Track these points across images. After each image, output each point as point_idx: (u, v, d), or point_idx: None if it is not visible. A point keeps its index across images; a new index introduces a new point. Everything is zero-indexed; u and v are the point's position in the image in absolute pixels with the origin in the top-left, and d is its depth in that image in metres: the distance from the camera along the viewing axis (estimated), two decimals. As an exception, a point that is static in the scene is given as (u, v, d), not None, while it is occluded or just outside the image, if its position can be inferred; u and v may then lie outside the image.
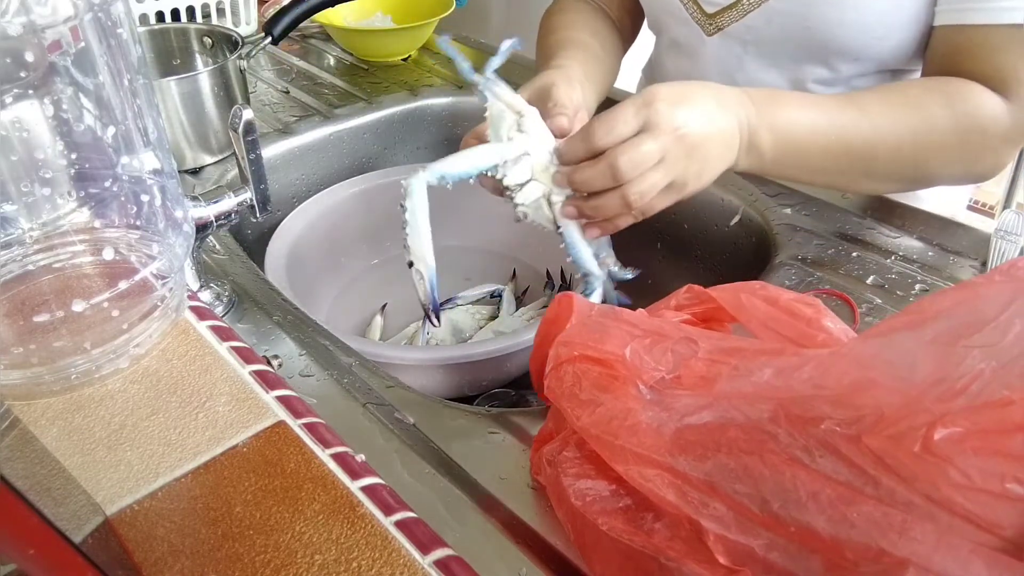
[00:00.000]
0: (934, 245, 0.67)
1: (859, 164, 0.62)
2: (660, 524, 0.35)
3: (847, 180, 0.65)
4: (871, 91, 0.64)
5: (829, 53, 0.72)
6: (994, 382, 0.28)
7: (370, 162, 0.94)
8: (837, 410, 0.31)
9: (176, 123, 0.77)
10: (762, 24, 0.74)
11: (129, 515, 0.32)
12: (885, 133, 0.61)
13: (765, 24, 0.74)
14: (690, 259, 0.83)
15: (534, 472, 0.45)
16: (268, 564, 0.30)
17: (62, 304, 0.38)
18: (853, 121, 0.61)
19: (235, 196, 0.57)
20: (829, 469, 0.31)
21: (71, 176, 0.40)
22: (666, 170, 0.54)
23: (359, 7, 1.11)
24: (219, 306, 0.59)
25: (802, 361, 0.34)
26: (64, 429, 0.36)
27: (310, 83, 1.00)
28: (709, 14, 0.78)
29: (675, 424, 0.35)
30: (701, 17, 0.79)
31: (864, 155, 0.62)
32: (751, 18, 0.74)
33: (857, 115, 0.61)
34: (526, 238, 0.88)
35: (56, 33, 0.36)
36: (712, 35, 0.79)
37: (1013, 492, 0.27)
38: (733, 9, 0.75)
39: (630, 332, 0.39)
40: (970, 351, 0.30)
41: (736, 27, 0.76)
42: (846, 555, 0.29)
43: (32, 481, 0.32)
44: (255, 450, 0.35)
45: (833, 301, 0.61)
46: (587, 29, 0.79)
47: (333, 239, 0.84)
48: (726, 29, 0.77)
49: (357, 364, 0.54)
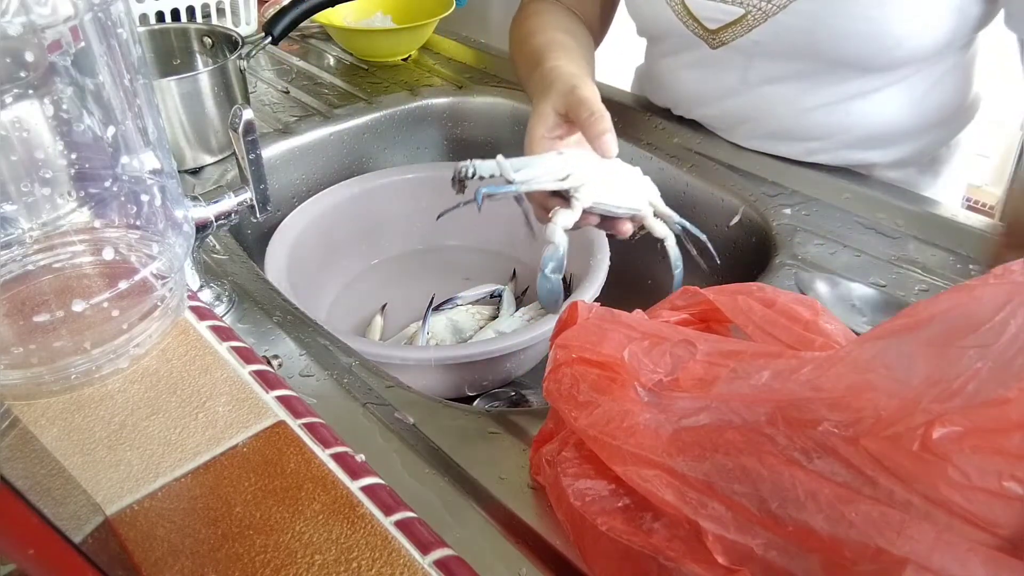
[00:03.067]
0: (934, 245, 0.67)
1: None
2: (659, 524, 0.35)
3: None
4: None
5: (839, 65, 0.72)
6: (991, 381, 0.28)
7: (370, 162, 0.94)
8: (835, 412, 0.31)
9: (176, 123, 0.77)
10: (770, 39, 0.73)
11: (129, 515, 0.32)
12: None
13: (773, 39, 0.73)
14: (690, 259, 0.83)
15: (534, 472, 0.45)
16: (268, 564, 0.31)
17: (62, 304, 0.38)
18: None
19: (235, 196, 0.57)
20: (827, 470, 0.31)
21: (71, 176, 0.40)
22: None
23: (359, 7, 1.11)
24: (219, 306, 0.59)
25: (800, 364, 0.34)
26: (64, 429, 0.36)
27: (310, 83, 1.00)
28: (711, 30, 0.77)
29: (673, 426, 0.35)
30: (703, 33, 0.77)
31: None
32: (758, 32, 0.73)
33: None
34: (526, 238, 0.88)
35: (56, 33, 0.36)
36: (717, 48, 0.78)
37: (1010, 491, 0.28)
38: (737, 25, 0.74)
39: (628, 334, 0.39)
40: (966, 351, 0.30)
41: (742, 41, 0.75)
42: (844, 554, 0.29)
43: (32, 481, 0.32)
44: (255, 450, 0.35)
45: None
46: (563, 30, 0.79)
47: (333, 239, 0.84)
48: (731, 44, 0.76)
49: (357, 364, 0.54)
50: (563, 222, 0.58)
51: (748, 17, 0.73)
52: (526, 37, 0.79)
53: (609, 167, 0.60)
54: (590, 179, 0.59)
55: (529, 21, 0.82)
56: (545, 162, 0.60)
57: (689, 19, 0.78)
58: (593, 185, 0.59)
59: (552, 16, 0.82)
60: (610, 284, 0.71)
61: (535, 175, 0.59)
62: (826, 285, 0.59)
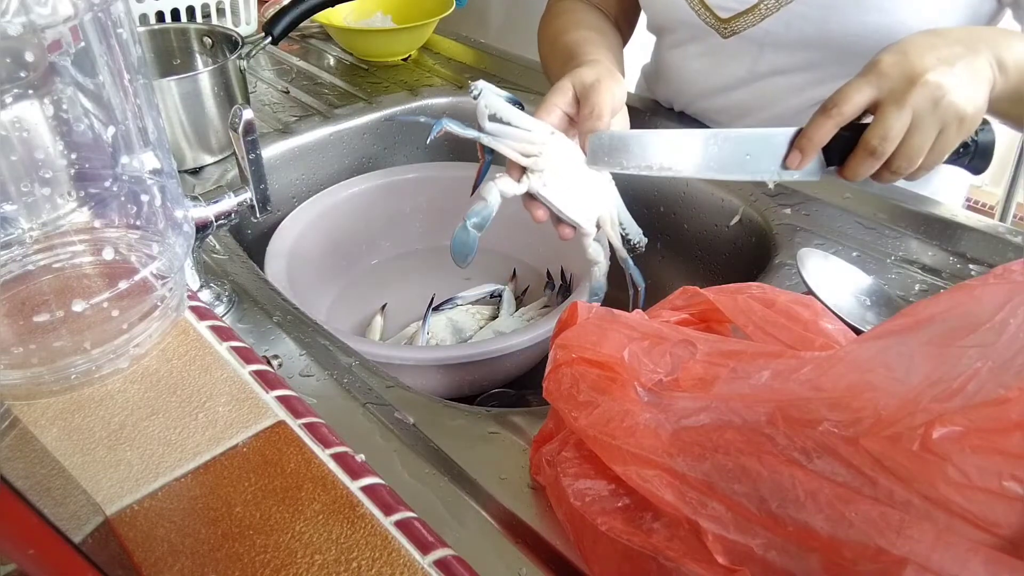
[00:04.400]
0: (934, 245, 0.67)
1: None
2: (659, 524, 0.35)
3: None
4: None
5: (850, 56, 0.72)
6: (990, 381, 0.29)
7: (370, 162, 0.94)
8: (835, 412, 0.31)
9: (176, 123, 0.77)
10: (781, 28, 0.73)
11: (129, 515, 0.32)
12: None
13: (784, 29, 0.73)
14: (690, 259, 0.83)
15: (534, 472, 0.45)
16: (268, 564, 0.31)
17: (62, 304, 0.38)
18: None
19: (235, 196, 0.57)
20: (827, 470, 0.31)
21: (71, 176, 0.40)
22: (923, 131, 0.54)
23: (359, 7, 1.11)
24: (219, 306, 0.59)
25: (800, 364, 0.34)
26: (64, 429, 0.36)
27: (310, 83, 1.00)
28: (723, 19, 0.77)
29: (673, 426, 0.35)
30: (715, 22, 0.78)
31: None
32: (769, 22, 0.73)
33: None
34: (526, 238, 0.88)
35: (56, 33, 0.36)
36: (728, 38, 0.78)
37: (1010, 491, 0.28)
38: (750, 14, 0.74)
39: (628, 335, 0.39)
40: (966, 351, 0.30)
41: (754, 31, 0.75)
42: (844, 554, 0.29)
43: (32, 481, 0.32)
44: (255, 450, 0.35)
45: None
46: (593, 27, 0.79)
47: (333, 239, 0.84)
48: (743, 33, 0.76)
49: (357, 364, 0.54)
50: (503, 187, 0.58)
51: (761, 6, 0.73)
52: (557, 35, 0.79)
53: (582, 171, 0.59)
54: (552, 170, 0.58)
55: (559, 20, 0.82)
56: (530, 131, 0.59)
57: (702, 8, 0.78)
58: (550, 178, 0.58)
59: (581, 14, 0.82)
60: (610, 284, 0.71)
61: (509, 134, 0.58)
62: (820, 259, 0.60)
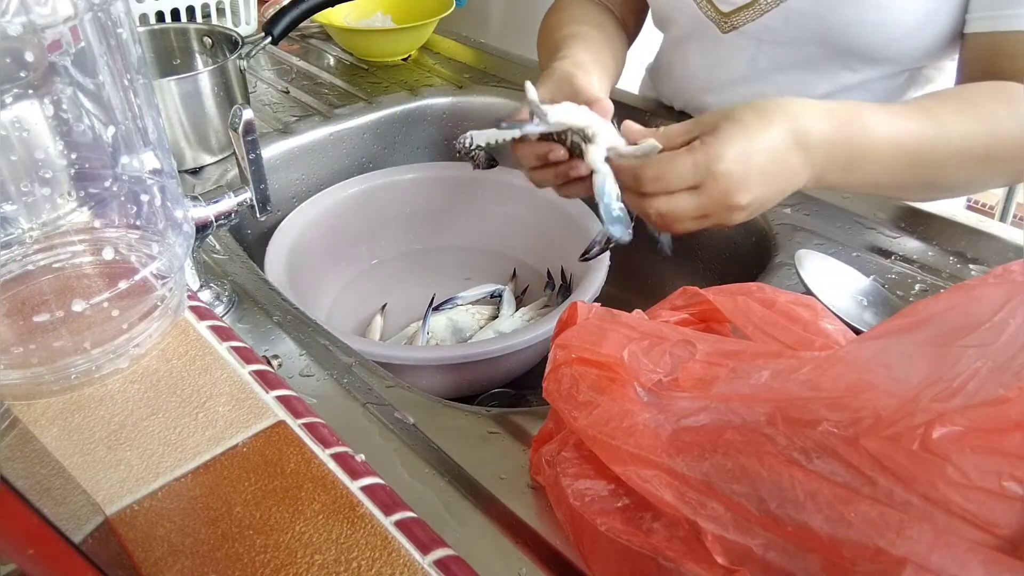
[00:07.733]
0: (934, 245, 0.67)
1: (928, 176, 0.60)
2: (658, 524, 0.35)
3: (911, 193, 0.65)
4: (940, 101, 0.61)
5: (847, 53, 0.72)
6: (990, 381, 0.29)
7: (370, 162, 0.94)
8: (834, 412, 0.31)
9: (176, 123, 0.77)
10: (780, 24, 0.73)
11: (129, 515, 0.32)
12: (956, 145, 0.58)
13: (783, 24, 0.73)
14: (690, 259, 0.83)
15: (533, 472, 0.45)
16: (268, 564, 0.31)
17: (62, 304, 0.38)
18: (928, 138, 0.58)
19: (235, 196, 0.57)
20: (826, 470, 0.31)
21: (71, 176, 0.40)
22: (702, 220, 0.55)
23: (359, 7, 1.11)
24: (219, 306, 0.59)
25: (799, 364, 0.34)
26: (64, 429, 0.36)
27: (310, 83, 1.00)
28: (724, 12, 0.77)
29: (672, 426, 0.35)
30: (716, 15, 0.78)
31: (934, 166, 0.59)
32: (768, 18, 0.73)
33: (934, 131, 0.58)
34: (526, 238, 0.88)
35: (56, 33, 0.36)
36: (727, 32, 0.78)
37: (1010, 491, 0.28)
38: (750, 8, 0.75)
39: (628, 335, 0.39)
40: (965, 351, 0.30)
41: (752, 26, 0.75)
42: (844, 554, 0.29)
43: (32, 481, 0.32)
44: (255, 450, 0.35)
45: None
46: (590, 23, 0.79)
47: (333, 239, 0.84)
48: (742, 28, 0.76)
49: (357, 364, 0.55)
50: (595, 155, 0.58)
51: (761, 1, 0.73)
52: (552, 30, 0.80)
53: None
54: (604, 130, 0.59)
55: (557, 15, 0.83)
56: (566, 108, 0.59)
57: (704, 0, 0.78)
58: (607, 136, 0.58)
59: (580, 10, 0.82)
60: (610, 284, 0.71)
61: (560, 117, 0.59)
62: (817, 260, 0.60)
